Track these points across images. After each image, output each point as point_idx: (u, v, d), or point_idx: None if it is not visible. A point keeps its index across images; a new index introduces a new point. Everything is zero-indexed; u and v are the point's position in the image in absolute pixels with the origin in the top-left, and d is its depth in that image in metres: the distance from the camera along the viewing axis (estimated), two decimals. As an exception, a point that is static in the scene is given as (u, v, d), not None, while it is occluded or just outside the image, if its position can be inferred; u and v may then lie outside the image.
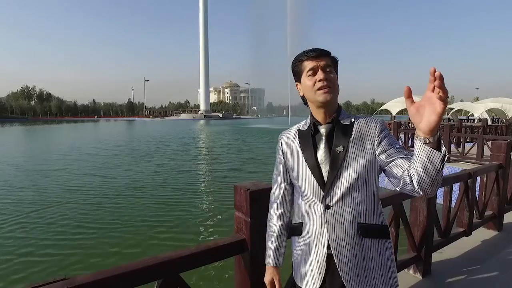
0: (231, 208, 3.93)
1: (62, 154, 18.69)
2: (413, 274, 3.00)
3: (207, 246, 1.58)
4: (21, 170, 13.62)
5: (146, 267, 1.42)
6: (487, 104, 26.41)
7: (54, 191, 10.11)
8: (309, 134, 1.39)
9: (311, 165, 1.34)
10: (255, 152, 19.45)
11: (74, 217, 7.65)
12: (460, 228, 3.59)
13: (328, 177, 1.31)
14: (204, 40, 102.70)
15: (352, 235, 1.28)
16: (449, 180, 3.26)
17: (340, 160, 1.30)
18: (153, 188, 10.42)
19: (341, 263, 1.28)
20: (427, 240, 2.95)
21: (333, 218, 1.30)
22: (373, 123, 1.34)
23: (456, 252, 3.47)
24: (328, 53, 1.35)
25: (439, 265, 3.20)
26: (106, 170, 13.58)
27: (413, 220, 2.96)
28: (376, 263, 1.29)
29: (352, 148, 1.30)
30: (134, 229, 6.89)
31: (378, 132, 1.31)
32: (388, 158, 1.26)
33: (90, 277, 1.30)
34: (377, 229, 1.31)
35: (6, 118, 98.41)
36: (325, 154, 1.34)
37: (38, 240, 6.30)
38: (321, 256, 1.32)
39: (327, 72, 1.32)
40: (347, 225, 1.29)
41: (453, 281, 2.93)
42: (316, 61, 1.32)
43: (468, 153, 10.09)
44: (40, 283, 1.22)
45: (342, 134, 1.33)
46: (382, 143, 1.29)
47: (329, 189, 1.30)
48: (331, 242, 1.29)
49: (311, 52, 1.33)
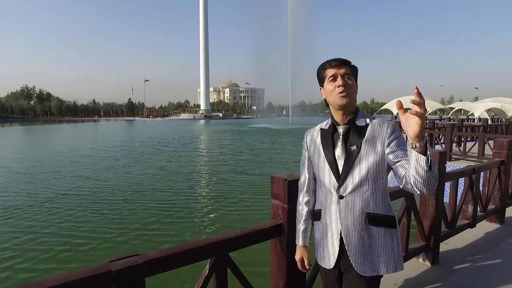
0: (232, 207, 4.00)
1: (68, 154, 18.88)
2: (422, 262, 3.23)
3: (251, 230, 1.81)
4: (12, 172, 13.15)
5: (202, 247, 1.65)
6: (487, 104, 26.68)
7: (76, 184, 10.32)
8: (329, 133, 1.60)
9: (330, 160, 1.56)
10: (265, 152, 19.60)
11: (73, 220, 7.85)
12: (465, 220, 3.82)
13: (343, 171, 1.52)
14: (204, 40, 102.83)
15: (360, 223, 1.50)
16: (455, 175, 3.49)
17: (353, 157, 1.50)
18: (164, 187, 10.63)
19: (350, 245, 1.50)
20: (436, 231, 3.18)
21: (345, 207, 1.52)
22: (385, 125, 1.52)
23: (461, 242, 3.69)
24: (348, 62, 1.55)
25: (446, 254, 3.42)
26: (127, 171, 13.66)
27: (422, 211, 3.18)
28: (382, 248, 1.50)
29: (365, 147, 1.50)
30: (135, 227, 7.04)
31: (389, 134, 1.49)
32: (395, 158, 1.43)
33: (158, 253, 1.53)
34: (384, 218, 1.51)
35: (6, 118, 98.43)
36: (341, 151, 1.55)
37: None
38: (335, 239, 1.54)
39: (346, 79, 1.52)
40: (357, 214, 1.50)
41: (459, 268, 3.16)
42: (337, 69, 1.53)
43: (469, 151, 10.33)
44: (118, 257, 1.45)
45: (356, 134, 1.53)
46: (392, 145, 1.47)
47: (343, 182, 1.51)
48: (342, 227, 1.52)
49: (333, 62, 1.54)
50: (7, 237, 6.43)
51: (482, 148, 9.72)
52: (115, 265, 1.38)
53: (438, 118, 31.66)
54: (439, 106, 31.19)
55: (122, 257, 1.44)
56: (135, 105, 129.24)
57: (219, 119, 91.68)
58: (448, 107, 33.98)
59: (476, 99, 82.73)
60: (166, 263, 1.53)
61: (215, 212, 8.07)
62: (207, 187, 10.86)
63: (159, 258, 1.50)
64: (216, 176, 12.41)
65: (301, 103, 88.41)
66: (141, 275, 1.42)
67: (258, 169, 13.60)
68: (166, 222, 7.30)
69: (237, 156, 17.59)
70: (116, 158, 16.86)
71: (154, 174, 12.67)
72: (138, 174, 12.68)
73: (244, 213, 7.88)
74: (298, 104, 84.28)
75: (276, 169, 13.14)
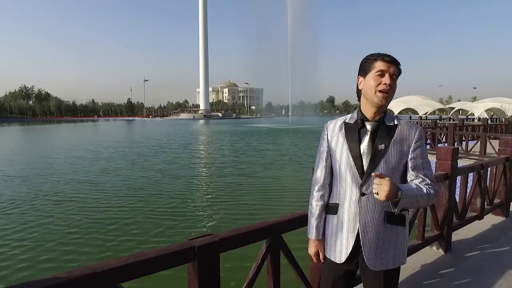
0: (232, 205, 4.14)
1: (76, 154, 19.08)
2: (436, 250, 3.51)
3: (299, 214, 2.07)
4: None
5: (260, 228, 1.91)
6: (487, 104, 27.09)
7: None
8: (356, 128, 1.58)
9: (355, 155, 1.54)
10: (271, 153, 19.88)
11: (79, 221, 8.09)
12: (473, 212, 4.10)
13: (367, 168, 1.51)
14: (203, 39, 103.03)
15: (379, 220, 1.52)
16: (465, 170, 3.77)
17: (380, 156, 1.50)
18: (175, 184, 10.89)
19: (365, 242, 1.53)
20: (448, 221, 3.46)
21: (366, 204, 1.53)
22: (413, 129, 1.55)
23: (470, 233, 3.98)
24: (398, 62, 1.52)
25: (457, 243, 3.70)
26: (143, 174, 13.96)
27: (436, 203, 3.46)
28: (392, 245, 1.54)
29: (392, 148, 1.51)
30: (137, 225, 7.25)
31: (417, 139, 1.53)
32: (412, 163, 1.53)
33: (228, 233, 1.79)
34: (400, 217, 1.54)
35: (5, 118, 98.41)
36: (368, 148, 1.53)
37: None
38: (351, 235, 1.55)
39: (393, 79, 1.51)
40: (377, 212, 1.52)
41: (470, 256, 3.44)
42: (388, 65, 1.49)
43: (471, 150, 10.64)
44: (197, 236, 1.71)
45: (386, 134, 1.53)
46: (416, 151, 1.53)
47: (366, 179, 1.51)
48: (361, 224, 1.52)
49: (386, 56, 1.51)
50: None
51: (484, 146, 10.03)
52: (196, 242, 1.64)
53: (438, 118, 32.03)
54: (439, 106, 31.58)
55: (200, 236, 1.71)
56: (134, 105, 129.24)
57: (219, 119, 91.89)
58: (448, 107, 34.44)
59: (474, 99, 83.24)
60: (234, 241, 1.80)
61: (224, 210, 8.33)
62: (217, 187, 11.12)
63: (229, 237, 1.77)
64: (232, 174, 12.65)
65: (300, 103, 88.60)
66: (216, 250, 1.69)
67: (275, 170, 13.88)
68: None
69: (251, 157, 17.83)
70: (126, 157, 17.13)
71: (171, 171, 12.95)
72: (158, 169, 12.96)
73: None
74: (297, 104, 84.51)
75: (281, 171, 13.34)
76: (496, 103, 26.40)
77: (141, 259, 1.51)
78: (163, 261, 1.56)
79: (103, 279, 1.40)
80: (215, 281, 1.69)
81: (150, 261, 1.53)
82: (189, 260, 1.63)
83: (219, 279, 1.72)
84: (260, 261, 1.94)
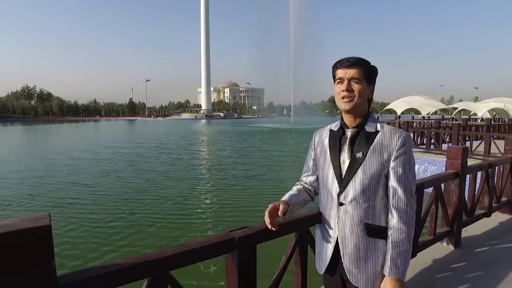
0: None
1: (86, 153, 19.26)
2: (446, 246, 3.65)
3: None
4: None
5: (291, 222, 2.05)
6: (490, 104, 27.18)
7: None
8: (338, 136, 1.56)
9: (335, 164, 1.52)
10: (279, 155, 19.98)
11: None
12: (481, 210, 4.24)
13: (344, 178, 1.47)
14: (205, 39, 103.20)
15: (358, 233, 1.45)
16: (474, 168, 3.91)
17: (357, 165, 1.44)
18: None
19: (344, 254, 1.48)
20: (458, 217, 3.60)
21: (344, 215, 1.48)
22: (396, 135, 1.44)
23: (479, 230, 4.11)
24: (361, 63, 1.46)
25: (466, 239, 3.84)
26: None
27: (446, 200, 3.60)
28: (378, 260, 1.45)
29: (371, 156, 1.43)
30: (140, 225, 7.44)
31: (399, 146, 1.42)
32: (392, 173, 1.43)
33: (263, 225, 1.93)
34: (383, 230, 1.45)
35: (8, 118, 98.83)
36: (347, 156, 1.49)
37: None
38: (330, 244, 1.53)
39: (353, 83, 1.45)
40: (355, 224, 1.45)
41: (479, 251, 3.58)
42: (345, 71, 1.45)
43: (475, 150, 10.75)
44: (236, 228, 1.86)
45: (364, 141, 1.46)
46: (397, 160, 1.42)
47: (344, 188, 1.47)
48: (339, 235, 1.49)
49: (344, 62, 1.47)
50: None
51: (488, 146, 10.15)
52: (236, 233, 1.79)
53: (441, 118, 32.14)
54: (442, 106, 31.74)
55: (238, 228, 1.86)
56: (136, 105, 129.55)
57: (220, 119, 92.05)
58: (451, 107, 34.55)
59: (476, 99, 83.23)
60: (268, 233, 1.93)
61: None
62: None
63: (264, 229, 1.91)
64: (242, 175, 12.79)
65: (302, 103, 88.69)
66: (254, 241, 1.84)
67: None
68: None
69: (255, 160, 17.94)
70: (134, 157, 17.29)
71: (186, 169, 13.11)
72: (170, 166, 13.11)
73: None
74: (299, 104, 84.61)
75: (287, 173, 13.47)
76: (499, 103, 26.48)
77: (188, 249, 1.66)
78: (207, 251, 1.71)
79: (156, 266, 1.55)
80: (252, 270, 1.84)
81: (195, 251, 1.67)
82: (229, 251, 1.78)
83: (256, 269, 1.86)
84: (290, 253, 2.09)
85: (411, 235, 1.43)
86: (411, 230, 1.42)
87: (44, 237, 1.09)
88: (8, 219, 1.13)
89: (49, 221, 1.12)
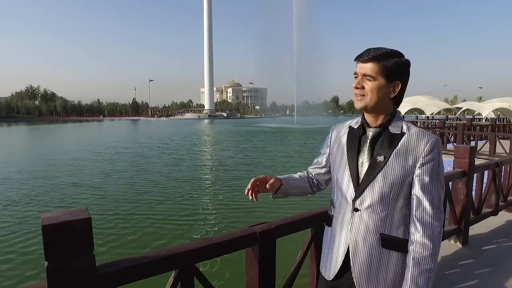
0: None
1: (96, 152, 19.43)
2: (454, 243, 3.72)
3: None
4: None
5: (307, 218, 2.14)
6: (495, 104, 27.15)
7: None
8: (357, 134, 1.41)
9: (351, 165, 1.38)
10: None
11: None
12: (488, 208, 4.30)
13: (362, 182, 1.34)
14: (208, 39, 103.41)
15: (372, 242, 1.32)
16: (481, 167, 3.98)
17: (378, 169, 1.30)
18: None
19: (355, 262, 1.34)
20: (466, 215, 3.67)
21: (358, 222, 1.35)
22: (424, 140, 1.29)
23: (486, 228, 4.18)
24: (378, 58, 1.29)
25: (473, 237, 3.91)
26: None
27: (454, 198, 3.66)
28: (391, 274, 1.31)
29: (394, 161, 1.29)
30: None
31: (426, 152, 1.27)
32: (417, 182, 1.27)
33: (281, 221, 2.02)
34: (400, 242, 1.31)
35: (13, 117, 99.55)
36: (366, 158, 1.35)
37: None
38: (341, 251, 1.39)
39: (365, 80, 1.32)
40: (370, 233, 1.32)
41: (486, 249, 3.65)
42: (360, 66, 1.33)
43: (480, 149, 10.78)
44: (256, 224, 1.94)
45: (387, 143, 1.32)
46: (424, 167, 1.27)
47: (361, 194, 1.33)
48: (351, 242, 1.35)
49: (360, 56, 1.33)
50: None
51: (494, 146, 10.18)
52: (256, 228, 1.87)
53: (445, 118, 32.10)
54: (446, 106, 31.74)
55: (258, 223, 1.94)
56: (139, 105, 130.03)
57: (224, 119, 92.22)
58: (455, 107, 34.50)
59: (480, 99, 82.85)
60: (286, 228, 2.03)
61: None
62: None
63: (282, 225, 2.00)
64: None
65: (304, 103, 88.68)
66: (273, 236, 1.92)
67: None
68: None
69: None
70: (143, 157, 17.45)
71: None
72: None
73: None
74: (301, 104, 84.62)
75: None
76: (504, 103, 26.45)
77: (212, 243, 1.74)
78: (229, 245, 1.79)
79: (182, 259, 1.64)
80: (272, 264, 1.93)
81: (219, 245, 1.76)
82: (251, 245, 1.86)
83: (275, 263, 1.95)
84: (306, 248, 2.17)
85: (437, 252, 1.26)
86: (437, 247, 1.26)
87: (85, 228, 1.19)
88: (50, 212, 1.23)
89: (88, 214, 1.22)
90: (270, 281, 1.93)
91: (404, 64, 1.34)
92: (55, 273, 1.15)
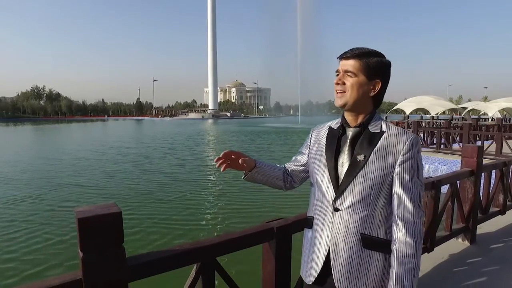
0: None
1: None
2: (462, 242, 3.76)
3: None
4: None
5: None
6: (501, 104, 26.98)
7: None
8: (337, 135, 1.41)
9: (330, 166, 1.38)
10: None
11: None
12: (496, 208, 4.34)
13: (342, 182, 1.33)
14: (212, 39, 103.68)
15: (353, 243, 1.30)
16: (489, 167, 4.02)
17: (358, 169, 1.30)
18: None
19: (335, 264, 1.32)
20: (474, 214, 3.71)
21: (338, 222, 1.33)
22: (403, 138, 1.30)
23: (493, 227, 4.21)
24: (359, 56, 1.31)
25: (481, 236, 3.95)
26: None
27: (462, 197, 3.71)
28: (372, 275, 1.30)
29: (374, 160, 1.29)
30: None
31: (406, 150, 1.28)
32: (397, 180, 1.28)
33: (296, 217, 2.08)
34: (382, 243, 1.30)
35: (19, 117, 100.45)
36: (347, 158, 1.35)
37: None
38: (321, 253, 1.37)
39: (346, 76, 1.33)
40: (350, 233, 1.31)
41: (494, 248, 3.69)
42: (342, 63, 1.35)
43: (486, 149, 10.75)
44: (272, 219, 2.01)
45: (367, 142, 1.32)
46: (404, 165, 1.28)
47: (341, 194, 1.33)
48: (331, 243, 1.34)
49: (347, 52, 1.34)
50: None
51: (500, 146, 10.15)
52: (273, 223, 1.94)
53: (450, 118, 31.95)
54: (451, 106, 31.57)
55: (275, 219, 2.01)
56: (143, 104, 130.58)
57: (228, 119, 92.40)
58: (460, 107, 34.36)
59: (485, 98, 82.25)
60: (302, 224, 2.09)
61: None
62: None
63: (297, 221, 2.06)
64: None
65: (308, 103, 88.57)
66: (289, 231, 1.99)
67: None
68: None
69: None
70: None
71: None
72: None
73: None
74: (305, 104, 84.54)
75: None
76: (510, 103, 26.27)
77: (232, 237, 1.81)
78: (248, 240, 1.86)
79: (205, 253, 1.71)
80: (288, 259, 1.99)
81: (238, 240, 1.83)
82: (268, 240, 1.93)
83: (291, 258, 2.01)
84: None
85: (420, 250, 1.27)
86: (419, 244, 1.26)
87: (117, 222, 1.26)
88: (83, 207, 1.31)
89: (119, 209, 1.29)
90: (286, 275, 2.00)
91: (386, 64, 1.36)
92: (90, 263, 1.22)
